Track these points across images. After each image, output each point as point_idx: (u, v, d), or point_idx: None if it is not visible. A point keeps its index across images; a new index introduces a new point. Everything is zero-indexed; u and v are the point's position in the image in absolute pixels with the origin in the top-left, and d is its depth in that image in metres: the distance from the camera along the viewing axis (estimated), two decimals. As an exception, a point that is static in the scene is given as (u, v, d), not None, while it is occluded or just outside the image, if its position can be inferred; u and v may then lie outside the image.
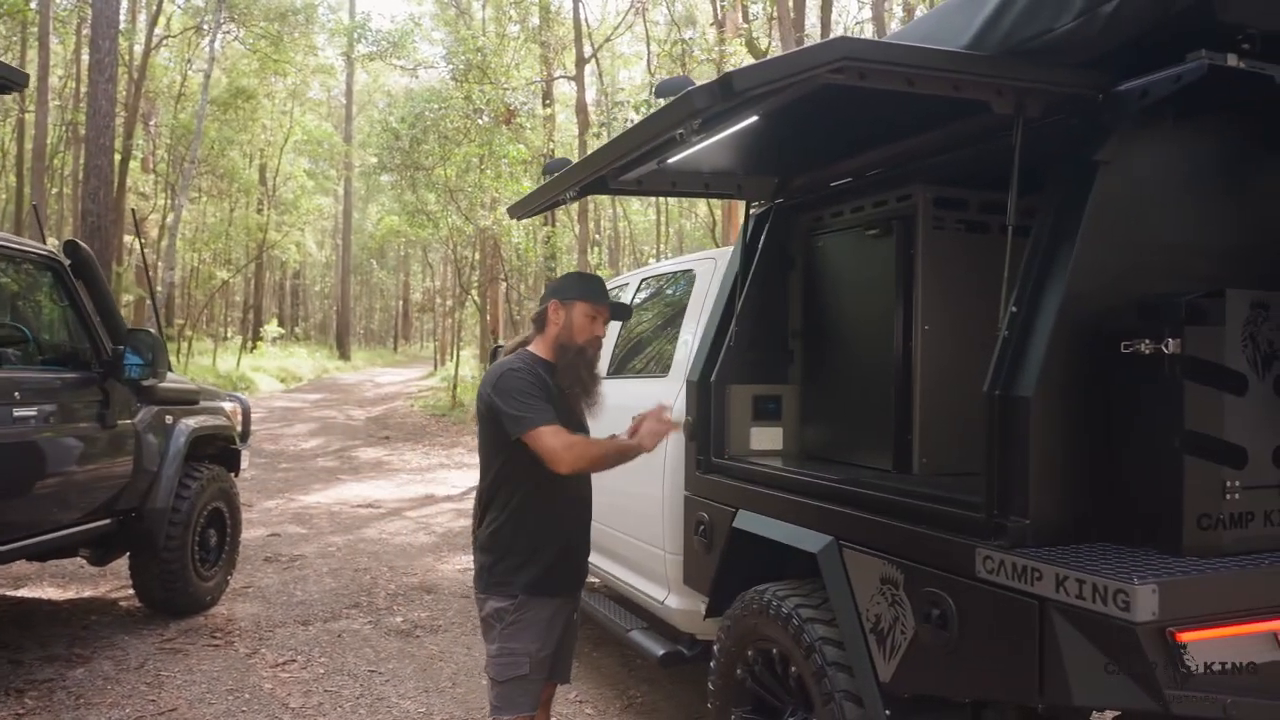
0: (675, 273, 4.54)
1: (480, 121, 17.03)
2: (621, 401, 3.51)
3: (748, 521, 3.21)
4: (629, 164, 2.75)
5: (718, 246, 20.89)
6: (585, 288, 3.00)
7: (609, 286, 3.62)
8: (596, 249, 22.47)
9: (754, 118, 2.40)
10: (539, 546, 2.93)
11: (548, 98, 22.07)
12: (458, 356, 21.98)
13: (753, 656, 3.13)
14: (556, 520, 2.97)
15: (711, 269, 4.13)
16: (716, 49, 18.56)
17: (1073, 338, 2.19)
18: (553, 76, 20.97)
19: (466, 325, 27.24)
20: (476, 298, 23.06)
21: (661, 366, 4.31)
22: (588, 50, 19.29)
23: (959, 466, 3.04)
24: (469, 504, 10.32)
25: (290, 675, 4.87)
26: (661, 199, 22.59)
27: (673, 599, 3.94)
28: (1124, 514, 2.19)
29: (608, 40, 21.45)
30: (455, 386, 20.86)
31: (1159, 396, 2.11)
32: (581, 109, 18.68)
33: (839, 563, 2.71)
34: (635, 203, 28.84)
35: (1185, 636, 1.90)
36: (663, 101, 2.18)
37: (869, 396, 3.25)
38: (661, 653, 3.85)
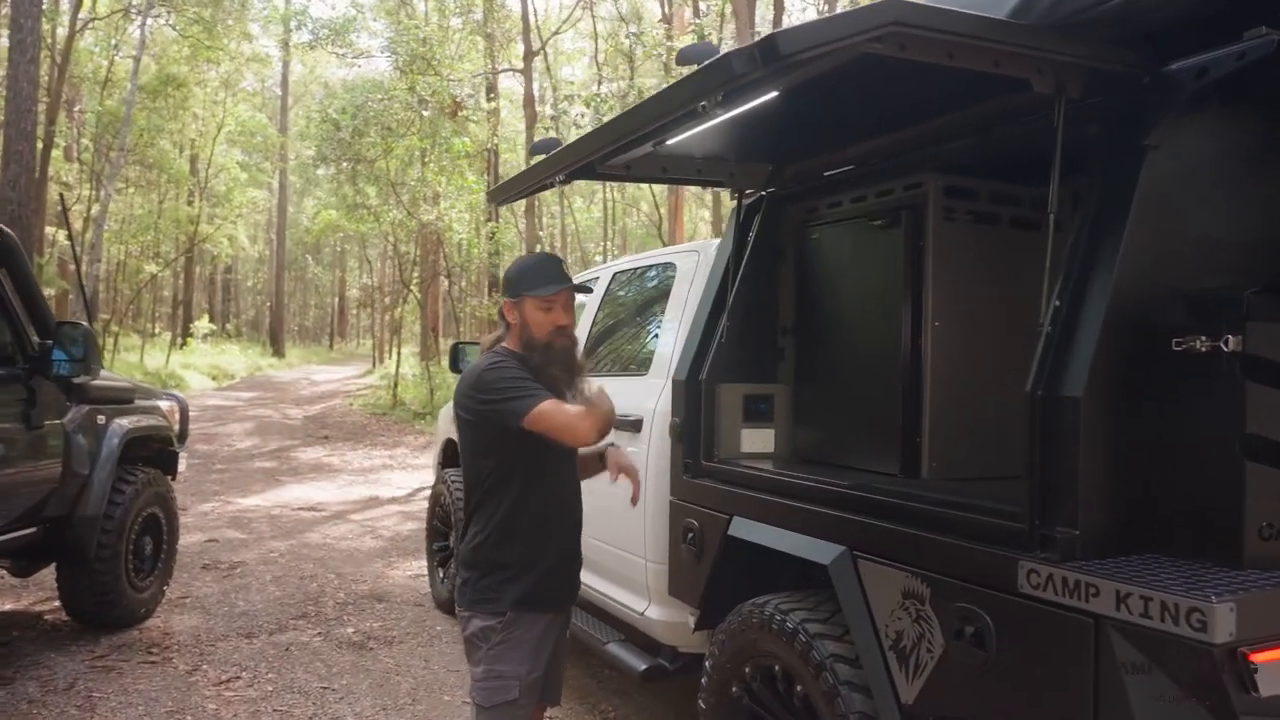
0: (653, 266, 4.33)
1: (424, 114, 16.59)
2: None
3: (745, 529, 3.02)
4: (629, 144, 2.53)
5: (664, 244, 20.76)
6: (529, 279, 2.72)
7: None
8: (540, 246, 22.11)
9: (774, 93, 2.19)
10: (528, 559, 2.70)
11: (492, 91, 21.68)
12: (399, 354, 21.43)
13: (750, 673, 2.94)
14: (545, 530, 2.73)
15: (694, 262, 3.92)
16: (664, 45, 18.41)
17: (1121, 334, 2.03)
18: (498, 70, 20.58)
19: (406, 322, 26.63)
20: (418, 294, 22.57)
21: (640, 364, 4.09)
22: (535, 44, 18.94)
23: (970, 470, 2.88)
24: (416, 506, 10.00)
25: (235, 694, 4.54)
26: (606, 196, 22.41)
27: (654, 610, 3.73)
28: (1174, 524, 2.04)
29: (556, 33, 21.13)
30: (396, 385, 20.35)
31: (1216, 397, 1.96)
32: (529, 103, 18.36)
33: (853, 575, 2.53)
34: (579, 200, 28.59)
35: (1258, 657, 1.75)
36: (684, 71, 1.98)
37: (873, 396, 3.08)
38: (643, 667, 3.64)
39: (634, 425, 3.81)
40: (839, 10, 19.09)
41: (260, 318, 50.46)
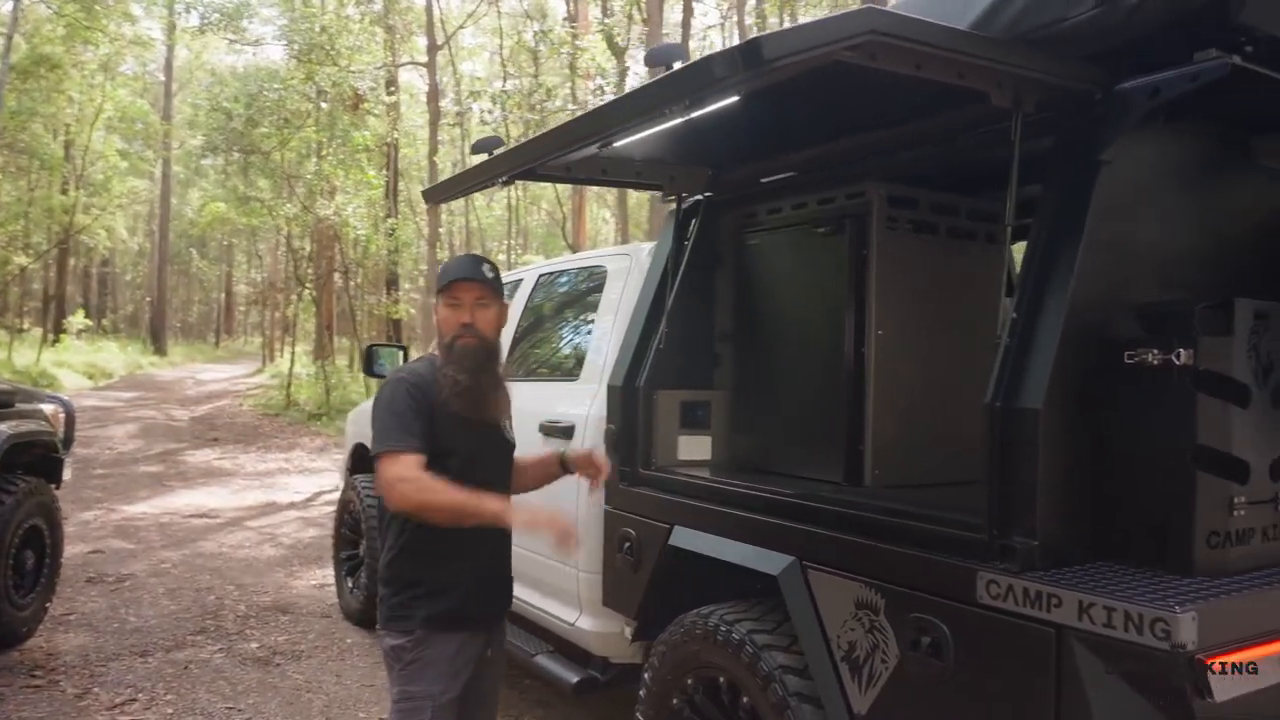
0: (582, 269, 4.25)
1: (324, 105, 16.06)
2: (522, 406, 3.16)
3: (686, 539, 2.97)
4: (581, 146, 2.45)
5: (567, 244, 20.62)
6: (441, 278, 2.60)
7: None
8: (441, 245, 21.69)
9: (735, 98, 2.15)
10: (440, 576, 2.56)
11: (392, 85, 21.15)
12: (293, 353, 20.70)
13: (693, 685, 2.89)
14: (460, 548, 2.57)
15: (626, 265, 3.86)
16: (570, 44, 18.30)
17: (1078, 347, 2.06)
18: (398, 63, 20.10)
19: (300, 320, 25.76)
20: (312, 291, 21.86)
21: (570, 369, 4.01)
22: (440, 37, 18.57)
23: (913, 478, 2.91)
24: (317, 512, 9.65)
25: (132, 718, 4.26)
26: (510, 194, 22.12)
27: (585, 620, 3.65)
28: (1125, 533, 2.09)
29: (461, 27, 20.76)
30: (290, 385, 19.65)
31: (1168, 409, 2.01)
32: (433, 97, 17.98)
33: (803, 585, 2.51)
34: (479, 198, 28.18)
35: (1214, 662, 1.79)
36: (651, 72, 1.91)
37: (815, 404, 3.08)
38: (576, 680, 3.56)
39: (565, 432, 3.72)
40: (747, 15, 19.35)
41: (140, 313, 48.00)
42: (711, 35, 23.87)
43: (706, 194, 3.45)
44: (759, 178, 3.30)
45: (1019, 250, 2.60)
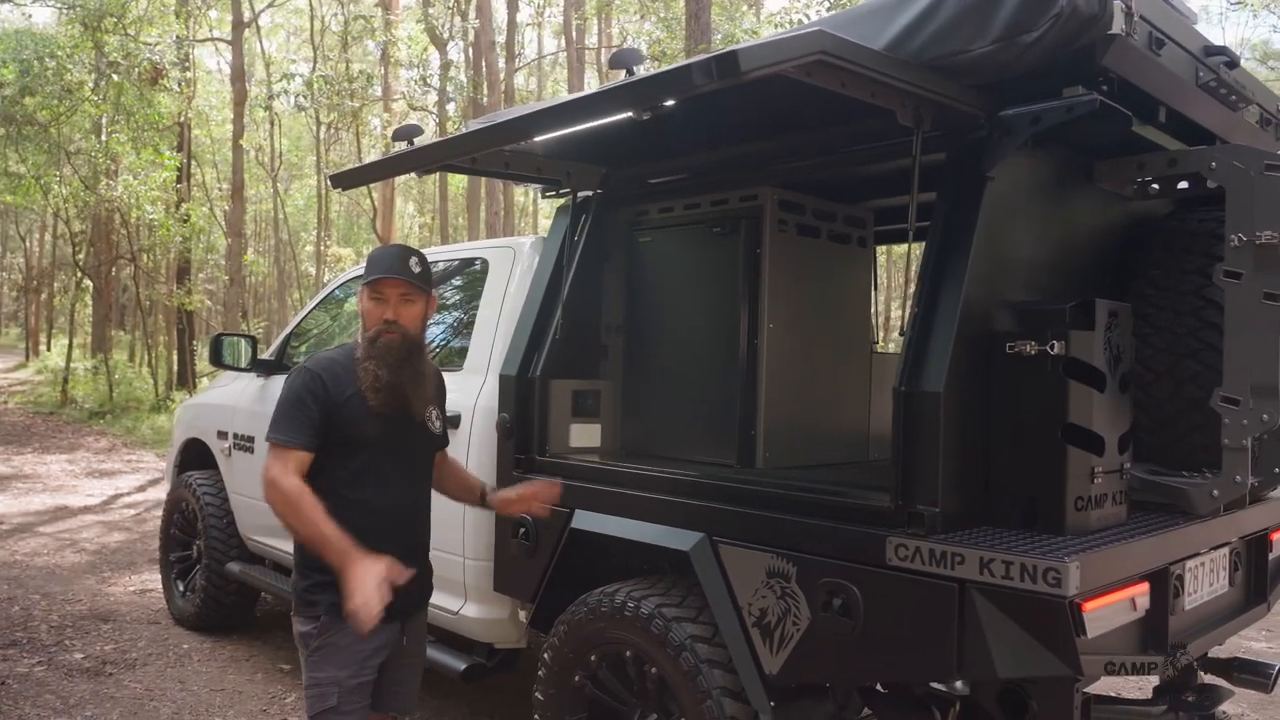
0: (460, 260, 4.25)
1: (114, 77, 14.81)
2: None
3: (590, 522, 3.09)
4: (509, 140, 2.52)
5: (376, 236, 20.03)
6: (369, 267, 2.61)
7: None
8: (245, 234, 20.44)
9: (670, 103, 2.30)
10: None
11: (186, 61, 19.77)
12: (70, 346, 18.91)
13: (596, 661, 3.02)
14: (366, 532, 2.51)
15: (509, 258, 3.91)
16: (387, 33, 17.84)
17: (970, 338, 2.36)
18: (197, 39, 18.83)
19: (69, 310, 23.52)
20: (91, 279, 20.09)
21: (451, 360, 4.01)
22: (247, 14, 17.56)
23: (799, 459, 3.16)
24: (117, 515, 8.99)
25: (-50, 739, 3.88)
26: (321, 183, 21.23)
27: (470, 608, 3.68)
28: (1003, 500, 2.41)
29: (271, 4, 19.69)
30: (67, 380, 17.97)
31: (1042, 392, 2.35)
32: (239, 77, 16.96)
33: (713, 559, 2.69)
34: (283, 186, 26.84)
35: (1088, 607, 2.12)
36: (621, 73, 2.02)
37: (708, 392, 3.27)
38: (463, 667, 3.59)
39: (450, 421, 3.73)
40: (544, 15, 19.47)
41: None
42: (528, 32, 23.95)
43: (598, 191, 3.58)
44: (652, 178, 3.46)
45: (881, 252, 2.89)
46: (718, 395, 3.23)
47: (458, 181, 21.02)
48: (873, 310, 3.76)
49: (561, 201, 3.73)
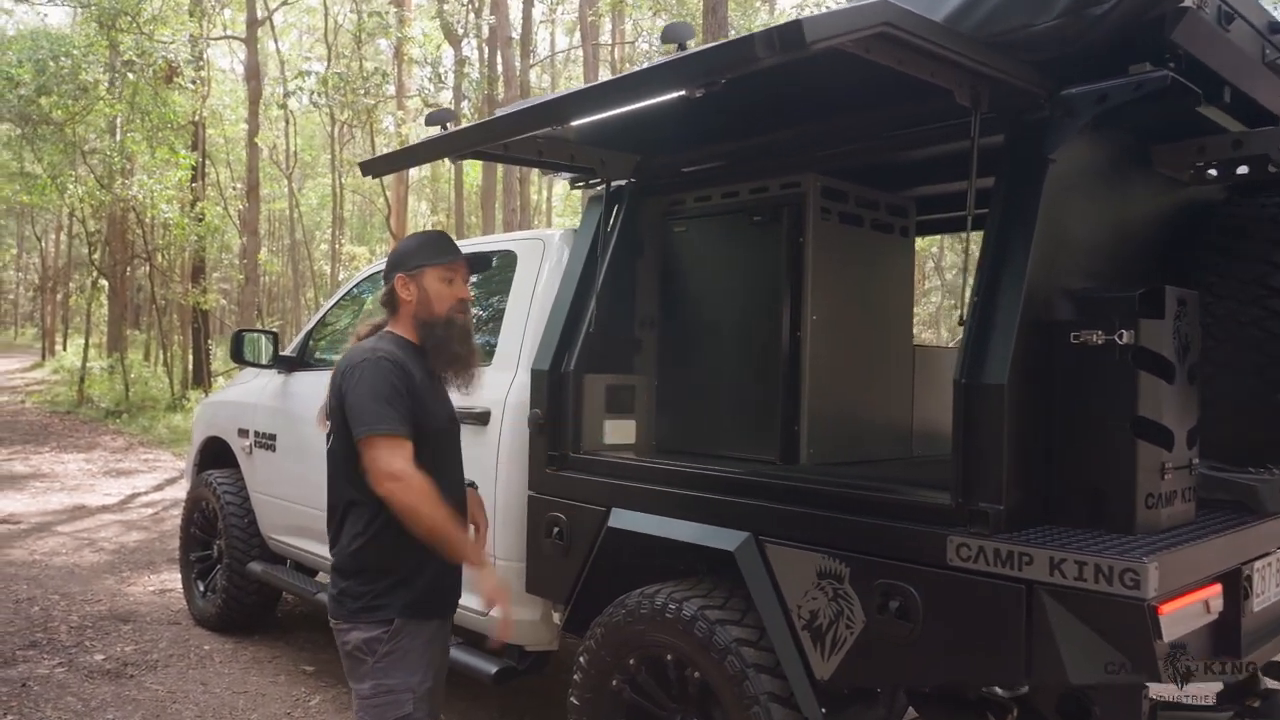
0: (485, 254, 4.15)
1: (130, 76, 14.78)
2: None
3: (628, 520, 2.99)
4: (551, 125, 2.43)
5: (391, 234, 19.98)
6: (430, 249, 2.62)
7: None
8: (263, 232, 20.41)
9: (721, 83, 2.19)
10: (415, 562, 2.49)
11: (201, 60, 19.77)
12: (86, 345, 18.92)
13: (635, 665, 2.92)
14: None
15: (539, 251, 3.81)
16: (400, 30, 17.77)
17: (1033, 327, 2.25)
18: (211, 36, 18.81)
19: (85, 309, 23.55)
20: (108, 278, 20.11)
21: (483, 356, 3.92)
22: (261, 11, 17.53)
23: (843, 456, 3.06)
24: (135, 515, 8.95)
25: (-28, 742, 3.82)
26: (335, 182, 21.22)
27: (500, 610, 3.59)
28: (1068, 496, 2.30)
29: (285, 3, 19.65)
30: (83, 379, 17.99)
31: (1110, 384, 2.24)
32: (254, 75, 16.93)
33: (760, 560, 2.59)
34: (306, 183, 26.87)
35: (1165, 609, 2.01)
36: (670, 48, 1.92)
37: (747, 387, 3.17)
38: (494, 670, 3.50)
39: (479, 418, 3.64)
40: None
41: (-116, 301, 42.56)
42: (541, 29, 23.84)
43: (631, 180, 3.48)
44: (688, 166, 3.36)
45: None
46: (758, 390, 3.13)
47: (472, 179, 20.96)
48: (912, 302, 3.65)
49: (594, 192, 3.63)
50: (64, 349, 28.99)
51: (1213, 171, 2.75)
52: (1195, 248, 2.81)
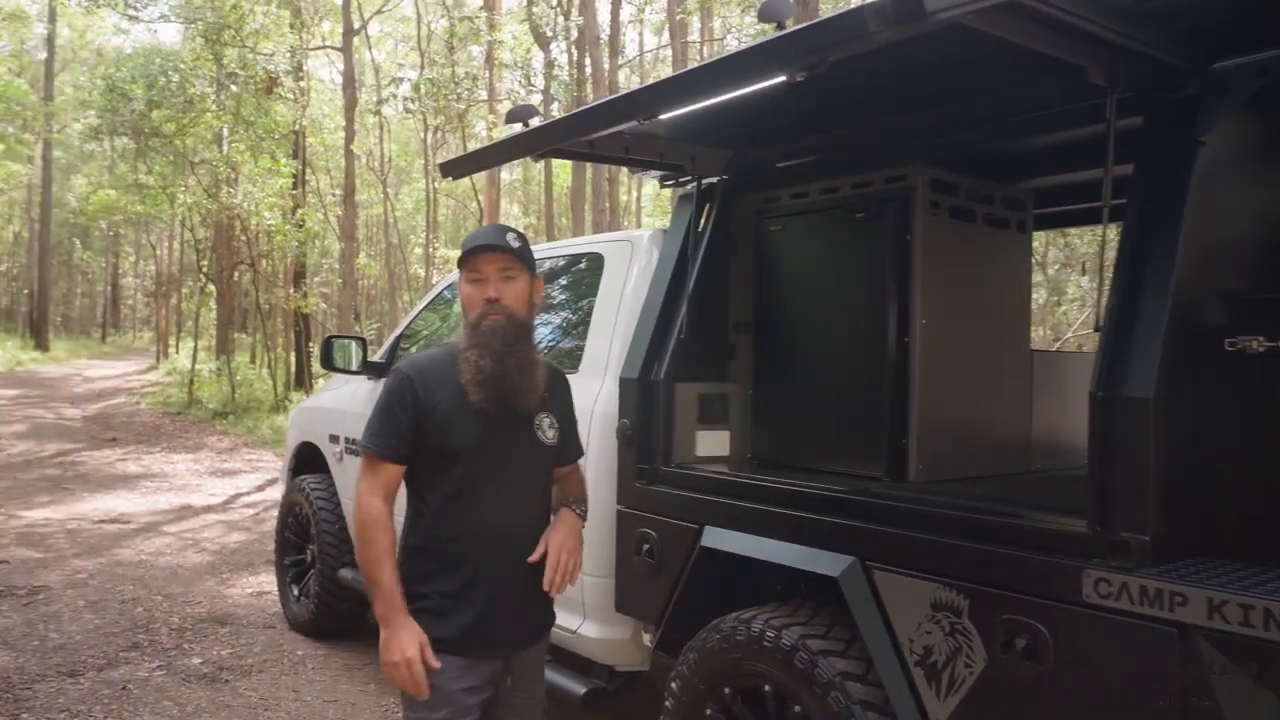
0: (573, 256, 4.03)
1: (233, 88, 15.27)
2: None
3: (721, 540, 2.81)
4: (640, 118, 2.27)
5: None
6: (463, 249, 2.32)
7: None
8: (359, 237, 20.91)
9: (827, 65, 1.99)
10: (444, 591, 2.30)
11: (300, 70, 20.33)
12: (196, 348, 19.68)
13: (730, 695, 2.73)
14: (472, 559, 2.31)
15: (627, 253, 3.66)
16: (492, 35, 17.90)
17: (1182, 333, 1.99)
18: (310, 47, 19.32)
19: (195, 314, 24.51)
20: (215, 283, 20.86)
21: (566, 362, 3.79)
22: (356, 21, 17.91)
23: (957, 472, 2.82)
24: (238, 515, 9.15)
25: (73, 746, 3.87)
26: (428, 186, 21.56)
27: (589, 628, 3.45)
28: (1222, 525, 2.02)
29: (379, 12, 20.07)
30: (192, 381, 18.68)
31: (1272, 398, 1.95)
32: (350, 84, 17.31)
33: (867, 587, 2.38)
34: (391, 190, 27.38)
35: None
36: (767, 27, 1.74)
37: (851, 396, 2.95)
38: (584, 690, 3.36)
39: (566, 428, 3.51)
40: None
41: (15, 306, 45.20)
42: (629, 30, 23.78)
43: (723, 176, 3.29)
44: (783, 160, 3.16)
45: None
46: (862, 400, 2.90)
47: (562, 181, 21.02)
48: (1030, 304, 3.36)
49: (684, 190, 3.46)
50: (176, 352, 30.25)
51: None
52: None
